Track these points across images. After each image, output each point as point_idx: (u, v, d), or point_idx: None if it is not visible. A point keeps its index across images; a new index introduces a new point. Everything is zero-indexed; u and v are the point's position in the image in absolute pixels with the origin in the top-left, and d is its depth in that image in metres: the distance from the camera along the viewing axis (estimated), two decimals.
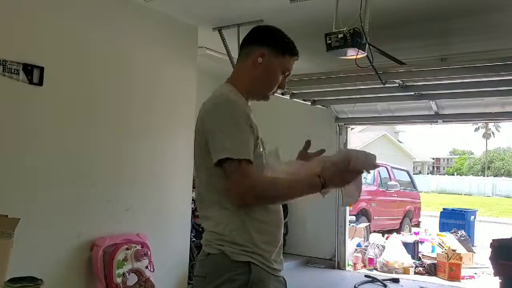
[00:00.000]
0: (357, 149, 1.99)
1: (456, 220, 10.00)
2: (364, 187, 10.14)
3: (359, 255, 7.05)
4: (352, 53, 3.84)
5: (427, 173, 46.88)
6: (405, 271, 6.79)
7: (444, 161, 63.70)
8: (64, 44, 3.87)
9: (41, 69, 3.65)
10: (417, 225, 11.74)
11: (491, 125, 48.83)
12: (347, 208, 7.10)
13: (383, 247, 7.24)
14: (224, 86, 1.84)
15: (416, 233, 8.57)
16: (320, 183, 1.66)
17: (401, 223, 10.79)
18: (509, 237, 5.37)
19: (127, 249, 4.05)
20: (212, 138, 1.66)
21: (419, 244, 7.71)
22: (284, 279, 1.77)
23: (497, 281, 4.87)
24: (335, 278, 6.49)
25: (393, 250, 7.10)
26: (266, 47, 1.81)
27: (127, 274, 4.01)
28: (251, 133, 1.69)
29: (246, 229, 1.66)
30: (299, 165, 1.82)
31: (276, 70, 1.84)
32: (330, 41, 3.76)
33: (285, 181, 1.69)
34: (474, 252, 8.13)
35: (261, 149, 1.76)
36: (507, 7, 4.34)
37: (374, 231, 9.10)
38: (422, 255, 7.42)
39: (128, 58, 4.46)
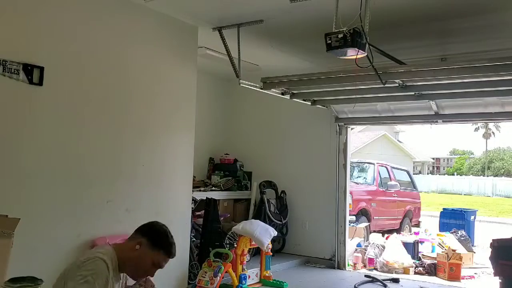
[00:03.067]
0: None
1: (456, 220, 10.00)
2: (364, 187, 10.18)
3: (359, 255, 7.04)
4: (352, 53, 3.84)
5: (427, 173, 46.83)
6: (405, 271, 6.79)
7: (444, 161, 63.65)
8: (64, 44, 3.88)
9: (41, 69, 3.66)
10: (417, 225, 11.73)
11: (491, 125, 48.78)
12: (347, 208, 7.10)
13: (383, 247, 7.24)
14: (106, 248, 2.20)
15: (416, 233, 8.56)
16: None
17: (401, 223, 10.77)
18: (509, 237, 5.36)
19: None
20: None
21: (419, 244, 7.70)
22: None
23: (497, 281, 4.87)
24: (335, 278, 6.49)
25: (393, 250, 7.10)
26: (145, 238, 2.23)
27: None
28: None
29: None
30: None
31: (147, 260, 2.21)
32: (330, 41, 3.76)
33: None
34: (474, 252, 8.13)
35: None
36: (507, 7, 4.34)
37: (374, 231, 9.09)
38: (422, 255, 7.41)
39: (128, 58, 4.46)
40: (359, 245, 7.37)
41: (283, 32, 5.22)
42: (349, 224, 7.33)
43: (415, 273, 6.85)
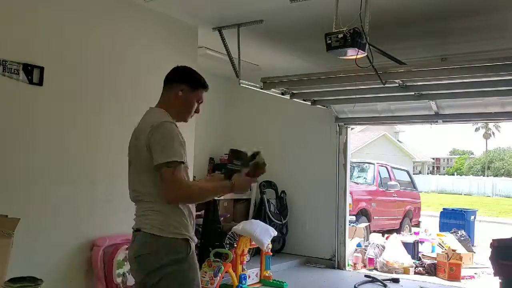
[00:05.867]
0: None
1: (456, 220, 10.01)
2: (364, 187, 10.16)
3: (359, 255, 7.04)
4: (352, 53, 3.84)
5: (427, 173, 46.83)
6: (405, 271, 6.79)
7: (444, 161, 63.65)
8: (64, 44, 3.88)
9: (41, 69, 3.66)
10: (417, 225, 11.74)
11: (491, 125, 48.83)
12: (347, 208, 7.10)
13: (383, 247, 7.24)
14: (158, 111, 2.52)
15: (416, 233, 8.56)
16: (228, 185, 2.41)
17: (401, 223, 10.78)
18: (509, 237, 5.37)
19: (127, 249, 4.05)
20: (156, 148, 2.28)
21: (419, 244, 7.70)
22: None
23: (497, 281, 4.87)
24: (335, 278, 6.49)
25: (393, 250, 7.10)
26: (184, 84, 2.55)
27: (127, 274, 4.01)
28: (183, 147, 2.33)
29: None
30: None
31: (192, 100, 2.57)
32: (330, 41, 3.76)
33: (203, 186, 2.47)
34: (474, 252, 8.13)
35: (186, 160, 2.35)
36: (507, 7, 4.34)
37: (374, 231, 9.09)
38: (422, 255, 7.41)
39: (127, 58, 4.46)
40: (359, 245, 7.37)
41: (283, 32, 5.22)
42: (349, 224, 7.33)
43: (415, 273, 6.85)
